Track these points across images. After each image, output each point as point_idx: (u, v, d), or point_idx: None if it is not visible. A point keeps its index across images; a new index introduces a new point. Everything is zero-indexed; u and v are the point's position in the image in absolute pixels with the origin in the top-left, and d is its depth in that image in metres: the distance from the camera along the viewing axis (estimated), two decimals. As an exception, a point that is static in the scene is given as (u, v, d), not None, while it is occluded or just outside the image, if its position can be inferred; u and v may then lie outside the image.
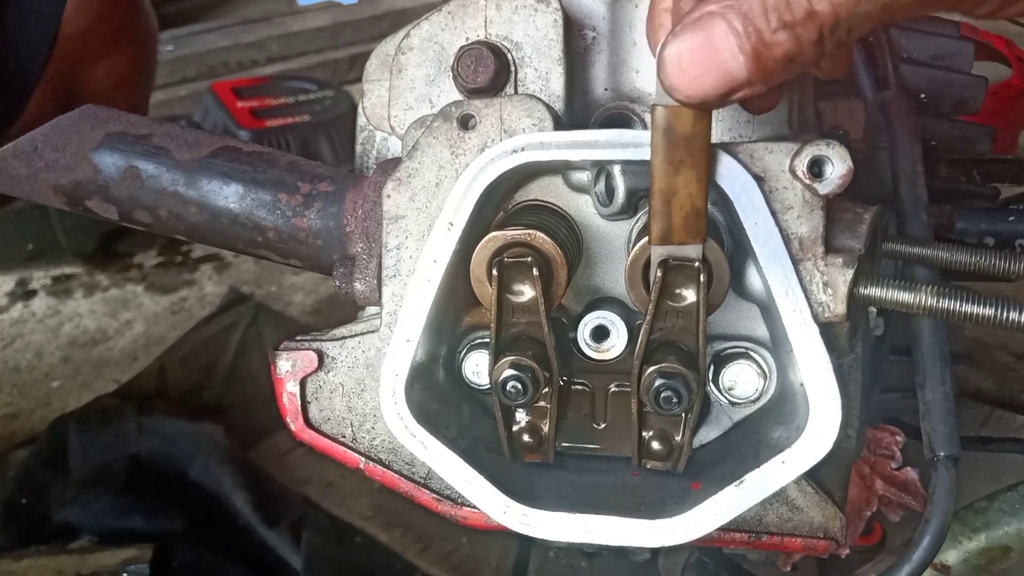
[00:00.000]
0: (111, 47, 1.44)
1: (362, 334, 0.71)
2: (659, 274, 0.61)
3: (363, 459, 0.72)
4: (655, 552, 1.21)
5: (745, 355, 0.70)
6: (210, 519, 1.61)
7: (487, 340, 0.66)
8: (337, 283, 0.73)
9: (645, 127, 0.70)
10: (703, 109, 0.53)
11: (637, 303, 0.65)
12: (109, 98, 1.61)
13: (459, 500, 0.71)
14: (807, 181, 0.61)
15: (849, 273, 0.61)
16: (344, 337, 0.72)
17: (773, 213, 0.61)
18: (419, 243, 0.68)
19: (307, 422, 0.72)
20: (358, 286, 0.71)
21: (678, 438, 0.69)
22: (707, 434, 0.73)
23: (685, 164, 0.57)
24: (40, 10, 1.27)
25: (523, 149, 0.63)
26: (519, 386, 0.64)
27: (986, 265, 0.71)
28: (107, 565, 1.42)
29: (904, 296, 0.60)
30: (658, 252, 0.60)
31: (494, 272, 0.63)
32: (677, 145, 0.56)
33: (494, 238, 0.64)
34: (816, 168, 0.61)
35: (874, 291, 0.61)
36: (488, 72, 0.70)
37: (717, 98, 0.51)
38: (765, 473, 0.61)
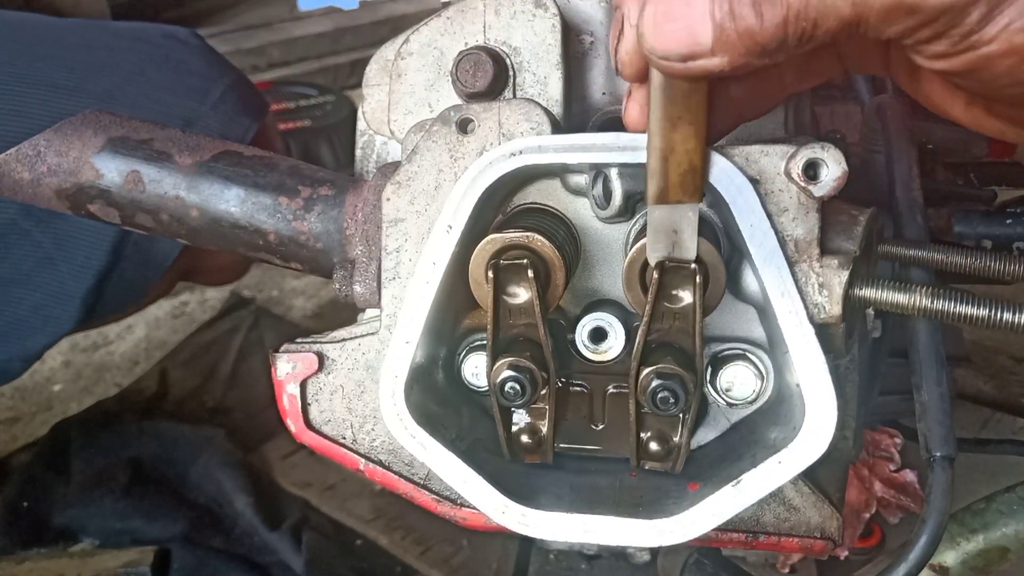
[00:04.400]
0: None
1: (362, 336, 0.72)
2: (656, 276, 0.61)
3: (363, 460, 0.73)
4: (654, 554, 1.21)
5: (742, 356, 0.70)
6: (211, 522, 1.61)
7: (486, 342, 0.67)
8: (337, 286, 0.73)
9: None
10: (664, 69, 0.54)
11: (634, 305, 0.65)
12: (216, 277, 1.65)
13: (458, 501, 0.71)
14: (802, 184, 0.62)
15: (844, 275, 0.62)
16: (344, 339, 0.72)
17: (769, 215, 0.61)
18: (418, 246, 0.68)
19: (307, 424, 0.73)
20: (358, 288, 0.72)
21: (676, 439, 0.69)
22: (705, 435, 0.73)
23: (683, 120, 0.57)
24: None
25: (521, 152, 0.64)
26: (517, 387, 0.65)
27: (982, 267, 0.71)
28: (108, 568, 1.42)
29: (899, 297, 0.61)
30: (655, 213, 0.59)
31: (490, 274, 0.64)
32: (675, 101, 0.56)
33: (492, 240, 0.65)
34: (811, 171, 0.61)
35: (869, 292, 0.62)
36: (487, 77, 0.71)
37: (679, 58, 0.52)
38: (762, 473, 0.62)
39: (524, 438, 0.72)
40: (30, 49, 1.25)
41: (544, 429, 0.71)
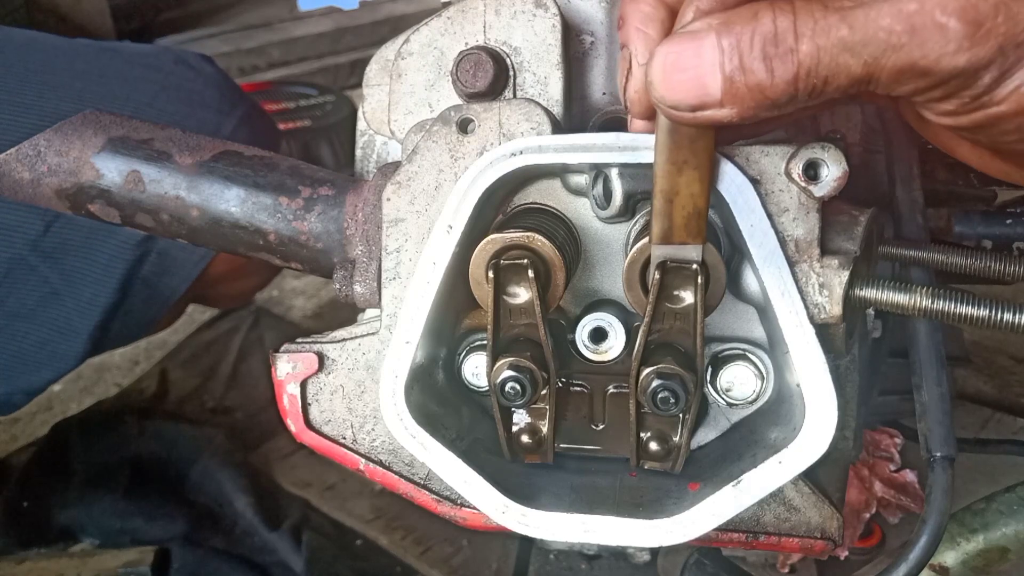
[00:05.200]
0: (249, 273, 1.48)
1: (362, 336, 0.72)
2: (657, 276, 0.61)
3: (363, 460, 0.73)
4: (655, 554, 1.21)
5: (742, 356, 0.70)
6: (211, 522, 1.61)
7: (486, 342, 0.67)
8: (337, 286, 0.73)
9: (642, 131, 0.70)
10: (673, 117, 0.54)
11: (635, 305, 0.65)
12: (225, 303, 1.71)
13: (458, 501, 0.71)
14: (803, 184, 0.62)
15: (845, 275, 0.62)
16: (344, 339, 0.72)
17: (769, 215, 0.61)
18: (419, 246, 0.68)
19: (307, 424, 0.73)
20: (358, 288, 0.72)
21: (676, 439, 0.69)
22: (705, 435, 0.73)
23: (688, 165, 0.57)
24: (193, 255, 1.30)
25: (521, 152, 0.64)
26: (517, 387, 0.65)
27: (982, 267, 0.71)
28: (108, 568, 1.42)
29: (899, 297, 0.61)
30: (658, 252, 0.61)
31: (490, 274, 0.64)
32: (681, 146, 0.57)
33: (493, 240, 0.65)
34: (812, 171, 0.61)
35: (869, 293, 0.62)
36: (487, 77, 0.71)
37: (688, 108, 0.52)
38: (762, 473, 0.62)
39: (524, 438, 0.72)
40: (40, 77, 1.22)
41: (544, 429, 0.71)
